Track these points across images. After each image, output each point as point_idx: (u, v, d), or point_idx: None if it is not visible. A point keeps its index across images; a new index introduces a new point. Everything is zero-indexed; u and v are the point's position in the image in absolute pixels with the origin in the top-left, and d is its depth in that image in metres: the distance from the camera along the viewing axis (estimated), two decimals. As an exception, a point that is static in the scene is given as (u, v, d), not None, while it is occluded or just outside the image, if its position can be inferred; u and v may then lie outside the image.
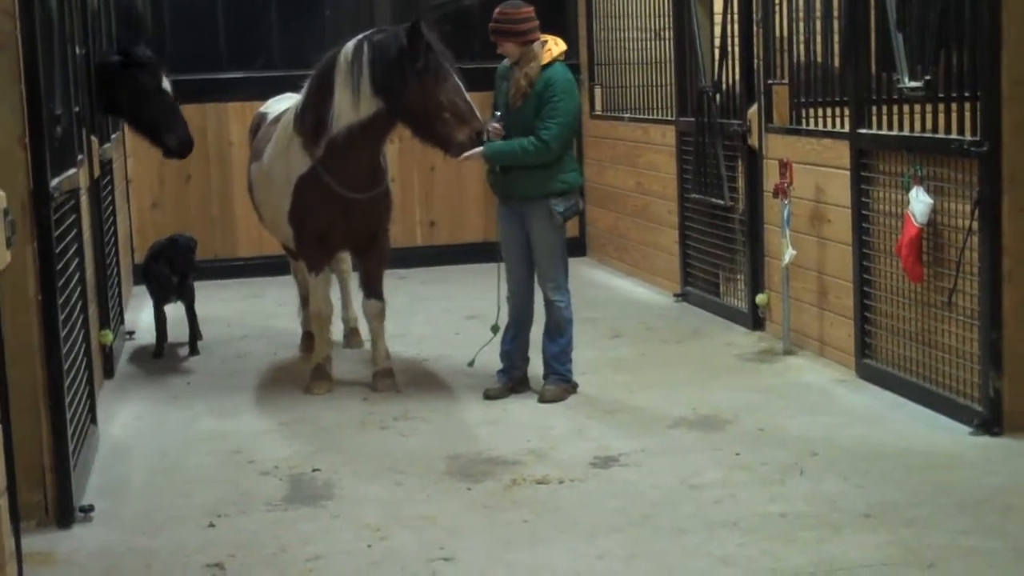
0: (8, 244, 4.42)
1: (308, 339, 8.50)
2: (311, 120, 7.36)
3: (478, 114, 7.11)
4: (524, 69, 7.03)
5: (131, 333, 9.34)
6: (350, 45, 7.22)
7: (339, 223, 7.50)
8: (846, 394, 7.18)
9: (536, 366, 7.48)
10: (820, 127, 7.87)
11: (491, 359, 7.63)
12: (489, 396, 7.31)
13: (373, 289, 7.71)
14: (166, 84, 8.23)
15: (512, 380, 7.42)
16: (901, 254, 6.64)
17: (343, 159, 7.32)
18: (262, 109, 8.70)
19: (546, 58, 7.05)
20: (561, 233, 7.23)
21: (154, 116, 8.19)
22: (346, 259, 8.68)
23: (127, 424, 7.13)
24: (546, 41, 7.12)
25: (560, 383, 7.31)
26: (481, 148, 7.03)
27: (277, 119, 8.03)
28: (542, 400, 7.21)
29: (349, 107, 7.17)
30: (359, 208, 7.47)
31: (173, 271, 8.58)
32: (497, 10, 7.11)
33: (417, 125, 7.21)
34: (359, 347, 8.70)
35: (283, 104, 8.21)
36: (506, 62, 7.23)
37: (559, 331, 7.28)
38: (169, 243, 8.66)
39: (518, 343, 7.43)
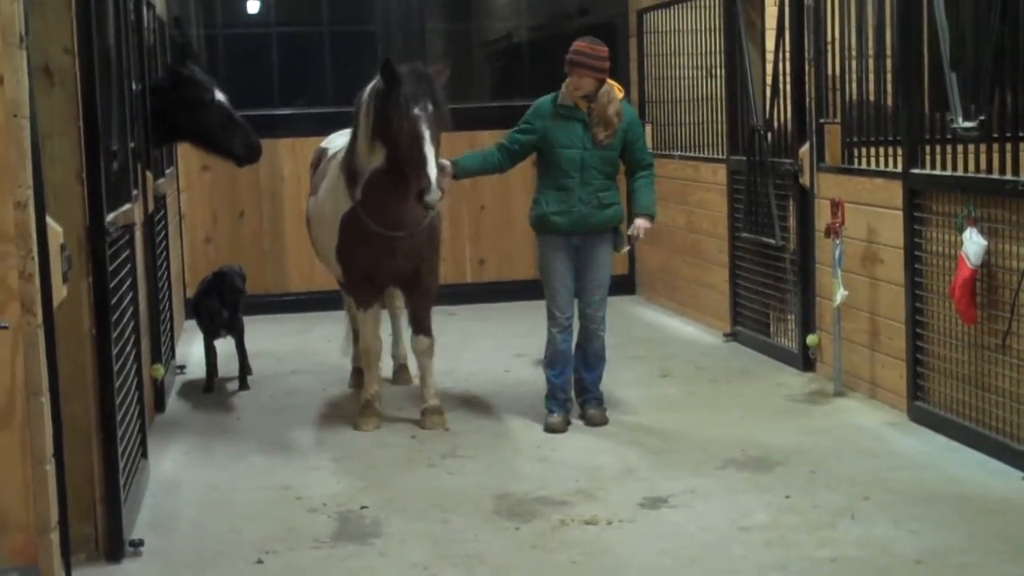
0: (65, 279, 4.48)
1: (357, 375, 8.47)
2: (346, 163, 7.54)
3: (431, 166, 6.88)
4: (612, 108, 7.29)
5: (182, 367, 9.40)
6: (365, 90, 7.34)
7: (383, 260, 7.52)
8: (898, 437, 7.11)
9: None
10: (872, 167, 7.83)
11: (533, 396, 7.61)
12: (553, 429, 7.42)
13: (421, 325, 7.75)
14: (220, 96, 8.15)
15: (568, 410, 7.55)
16: (954, 296, 6.58)
17: (377, 201, 7.37)
18: (323, 144, 8.70)
19: (619, 95, 7.37)
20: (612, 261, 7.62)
21: (214, 128, 8.13)
22: (398, 295, 8.69)
23: (177, 458, 7.16)
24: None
25: (600, 407, 7.59)
26: (645, 221, 7.42)
27: (335, 155, 8.09)
28: (592, 424, 7.48)
29: (367, 154, 7.33)
30: (401, 246, 7.48)
31: (223, 304, 8.64)
32: (581, 44, 7.28)
33: (402, 172, 7.09)
34: (408, 384, 8.70)
35: (343, 140, 8.20)
36: (562, 99, 7.34)
37: (598, 360, 7.60)
38: (216, 277, 8.72)
39: (570, 371, 7.59)
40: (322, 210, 7.86)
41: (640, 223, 7.44)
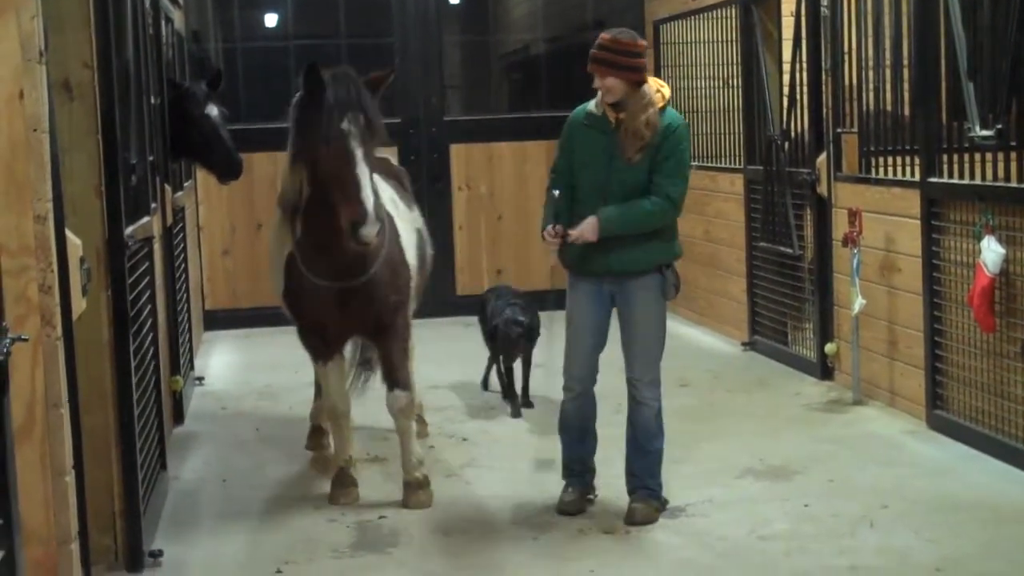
0: (84, 292, 4.51)
1: (316, 435, 7.39)
2: (281, 196, 6.35)
3: (366, 190, 5.66)
4: (643, 116, 5.74)
5: (200, 379, 9.43)
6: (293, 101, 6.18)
7: (331, 314, 6.24)
8: (917, 445, 7.09)
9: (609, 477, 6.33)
10: (890, 176, 7.82)
11: (550, 406, 7.59)
12: (566, 511, 6.08)
13: (394, 377, 6.36)
14: (210, 110, 8.04)
15: (587, 486, 6.22)
16: (973, 304, 6.57)
17: (311, 242, 6.12)
18: None
19: (659, 102, 5.82)
20: (665, 312, 6.14)
21: (199, 142, 8.06)
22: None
23: (196, 469, 7.19)
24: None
25: (651, 500, 6.01)
26: (593, 220, 5.80)
27: None
28: (632, 522, 5.89)
29: (292, 181, 6.12)
30: (349, 297, 6.19)
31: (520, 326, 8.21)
32: (607, 36, 5.81)
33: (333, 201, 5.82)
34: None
35: None
36: (591, 108, 5.95)
37: (650, 436, 6.02)
38: (518, 301, 8.42)
39: (590, 441, 6.20)
40: (270, 248, 6.68)
41: (585, 225, 5.82)
